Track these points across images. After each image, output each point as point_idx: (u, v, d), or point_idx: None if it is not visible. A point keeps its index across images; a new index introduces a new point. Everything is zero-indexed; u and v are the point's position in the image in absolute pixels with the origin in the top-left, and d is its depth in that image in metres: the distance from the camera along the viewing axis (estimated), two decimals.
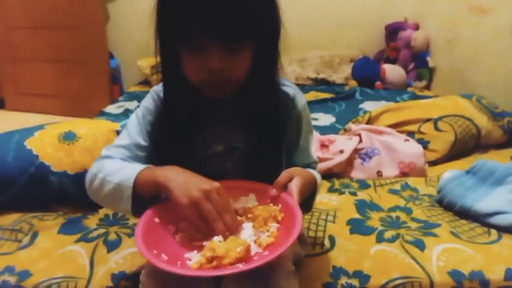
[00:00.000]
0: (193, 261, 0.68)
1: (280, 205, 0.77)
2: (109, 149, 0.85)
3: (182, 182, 0.71)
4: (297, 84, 1.02)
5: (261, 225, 0.74)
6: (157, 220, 0.74)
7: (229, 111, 0.86)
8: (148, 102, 0.88)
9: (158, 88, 0.89)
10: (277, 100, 0.86)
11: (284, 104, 0.88)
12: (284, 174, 0.78)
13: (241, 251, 0.66)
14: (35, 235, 1.10)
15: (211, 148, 0.88)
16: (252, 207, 0.78)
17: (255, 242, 0.71)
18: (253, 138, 0.86)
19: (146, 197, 0.76)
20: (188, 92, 0.80)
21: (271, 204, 0.78)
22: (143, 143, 0.85)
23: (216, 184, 0.71)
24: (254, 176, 0.85)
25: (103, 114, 2.31)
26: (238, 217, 0.76)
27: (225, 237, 0.69)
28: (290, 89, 0.89)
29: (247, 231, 0.73)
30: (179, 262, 0.69)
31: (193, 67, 0.76)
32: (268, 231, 0.73)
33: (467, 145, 1.72)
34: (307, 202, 0.86)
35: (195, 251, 0.71)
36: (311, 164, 0.95)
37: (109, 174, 0.78)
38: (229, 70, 0.74)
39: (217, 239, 0.69)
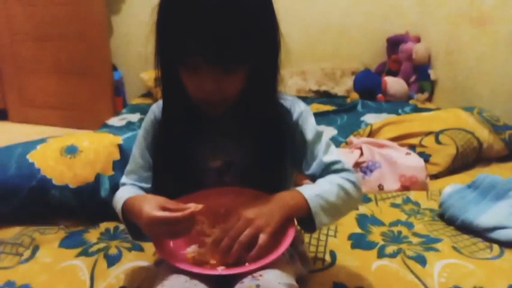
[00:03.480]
0: (189, 251, 0.78)
1: None
2: (124, 177, 0.94)
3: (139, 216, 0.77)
4: (299, 97, 1.01)
5: None
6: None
7: (227, 126, 0.87)
8: (147, 122, 0.92)
9: (155, 106, 0.92)
10: (276, 115, 0.85)
11: (281, 118, 0.87)
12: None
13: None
14: (36, 249, 1.10)
15: (209, 162, 0.88)
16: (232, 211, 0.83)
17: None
18: (250, 153, 0.86)
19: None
20: (186, 105, 0.82)
21: None
22: (145, 164, 0.91)
23: (151, 209, 0.75)
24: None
25: (105, 126, 2.31)
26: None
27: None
28: (287, 102, 0.89)
29: None
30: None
31: (189, 85, 0.77)
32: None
33: (469, 158, 1.72)
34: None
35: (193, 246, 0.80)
36: (330, 167, 0.85)
37: (115, 203, 0.88)
38: (223, 90, 0.76)
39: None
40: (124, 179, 0.93)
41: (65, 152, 1.30)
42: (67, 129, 2.94)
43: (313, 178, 0.88)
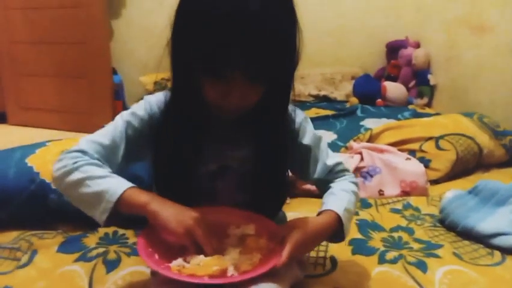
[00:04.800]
0: (174, 264, 0.75)
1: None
2: (87, 142, 0.82)
3: (173, 213, 0.75)
4: (299, 101, 1.02)
5: (247, 252, 0.78)
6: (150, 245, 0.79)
7: (228, 130, 0.86)
8: (139, 109, 0.87)
9: (153, 99, 0.88)
10: (284, 123, 0.87)
11: (286, 125, 0.88)
12: (285, 226, 0.81)
13: (217, 270, 0.73)
14: (33, 254, 1.09)
15: (206, 166, 0.88)
16: (247, 235, 0.82)
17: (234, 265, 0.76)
18: (249, 159, 0.86)
19: (122, 214, 0.76)
20: (196, 109, 0.81)
21: (264, 238, 0.81)
22: (122, 147, 0.84)
23: (198, 213, 0.75)
24: (246, 196, 0.86)
25: None
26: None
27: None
28: (289, 109, 0.89)
29: (233, 254, 0.78)
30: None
31: (211, 92, 0.77)
32: (250, 260, 0.77)
33: (469, 164, 1.72)
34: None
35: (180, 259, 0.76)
36: (334, 170, 0.93)
37: (90, 179, 0.76)
38: (245, 100, 0.77)
39: (201, 257, 0.75)
40: (85, 144, 0.81)
41: None
42: (66, 132, 2.93)
43: (317, 181, 0.93)
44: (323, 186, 0.94)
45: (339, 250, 1.11)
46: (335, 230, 0.85)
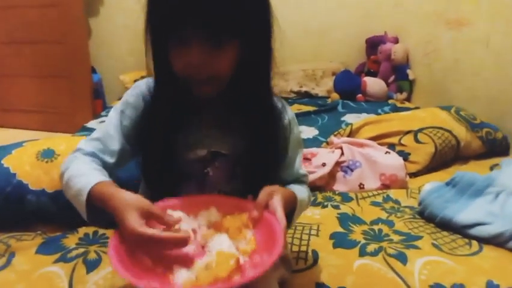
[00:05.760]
0: (182, 280, 0.65)
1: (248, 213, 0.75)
2: (84, 142, 0.84)
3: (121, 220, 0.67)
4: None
5: (237, 234, 0.73)
6: (125, 249, 0.68)
7: (217, 115, 0.85)
8: (130, 96, 0.86)
9: (142, 82, 0.87)
10: (268, 107, 0.85)
11: (274, 113, 0.87)
12: (263, 193, 0.76)
13: (234, 263, 0.66)
14: (11, 256, 1.07)
15: (195, 152, 0.86)
16: (221, 220, 0.76)
17: (237, 251, 0.71)
18: (239, 145, 0.85)
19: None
20: (178, 91, 0.80)
21: (237, 213, 0.76)
22: (118, 137, 0.83)
23: (134, 223, 0.65)
24: (237, 182, 0.85)
25: (84, 129, 2.27)
26: (208, 229, 0.75)
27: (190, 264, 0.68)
28: (279, 101, 0.89)
29: (225, 242, 0.72)
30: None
31: (178, 62, 0.75)
32: (245, 238, 0.73)
33: (447, 156, 1.74)
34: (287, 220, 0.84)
35: (181, 270, 0.68)
36: (300, 178, 0.93)
37: (72, 178, 0.75)
38: (212, 65, 0.74)
39: (201, 262, 0.68)
40: (83, 144, 0.83)
41: (42, 156, 1.27)
42: (45, 133, 2.89)
43: (280, 182, 0.88)
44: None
45: (321, 243, 1.12)
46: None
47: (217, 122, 0.86)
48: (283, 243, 0.67)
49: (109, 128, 0.84)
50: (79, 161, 0.79)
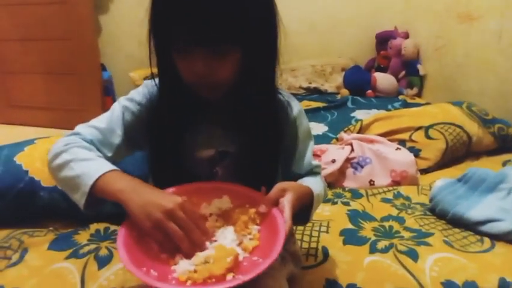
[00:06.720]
0: (180, 271, 0.66)
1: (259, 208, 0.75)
2: (83, 127, 0.82)
3: (142, 203, 0.68)
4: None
5: (242, 228, 0.73)
6: (135, 235, 0.70)
7: (223, 115, 0.85)
8: (137, 94, 0.86)
9: (151, 83, 0.86)
10: (273, 106, 0.85)
11: (279, 111, 0.86)
12: (276, 189, 0.76)
13: (231, 261, 0.65)
14: (24, 252, 1.08)
15: (203, 151, 0.86)
16: (230, 210, 0.77)
17: (239, 246, 0.71)
18: (246, 144, 0.84)
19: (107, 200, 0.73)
20: (182, 91, 0.79)
21: (247, 206, 0.76)
22: (119, 131, 0.82)
23: (178, 200, 0.69)
24: (246, 182, 0.83)
25: None
26: (216, 221, 0.76)
27: (192, 255, 0.68)
28: (284, 96, 0.88)
29: (230, 235, 0.72)
30: (171, 276, 0.67)
31: (182, 69, 0.75)
32: (250, 234, 0.73)
33: (458, 152, 1.73)
34: (303, 214, 0.83)
35: (181, 260, 0.68)
36: (313, 169, 0.92)
37: (74, 161, 0.73)
38: (215, 74, 0.74)
39: (201, 255, 0.68)
40: (81, 129, 0.81)
41: None
42: (55, 130, 2.91)
43: (293, 178, 0.88)
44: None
45: (331, 240, 1.11)
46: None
47: (224, 122, 0.86)
48: (281, 248, 0.66)
49: (110, 120, 0.83)
50: (82, 145, 0.78)
